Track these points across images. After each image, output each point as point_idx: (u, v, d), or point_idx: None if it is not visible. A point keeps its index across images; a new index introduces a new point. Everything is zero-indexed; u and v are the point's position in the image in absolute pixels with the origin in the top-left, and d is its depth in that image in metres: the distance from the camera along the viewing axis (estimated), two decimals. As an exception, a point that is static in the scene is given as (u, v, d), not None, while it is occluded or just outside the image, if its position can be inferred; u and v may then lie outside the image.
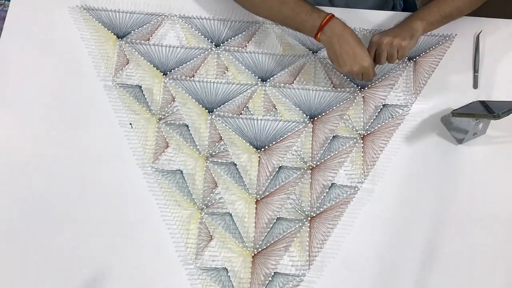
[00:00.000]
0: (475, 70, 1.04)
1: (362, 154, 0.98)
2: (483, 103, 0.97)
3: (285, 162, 0.98)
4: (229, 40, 1.07)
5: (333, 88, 1.03)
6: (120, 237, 0.93)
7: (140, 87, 1.03)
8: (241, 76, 1.04)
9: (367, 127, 1.01)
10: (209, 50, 1.06)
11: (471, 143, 0.99)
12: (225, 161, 0.97)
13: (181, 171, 0.97)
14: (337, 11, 0.99)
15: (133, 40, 1.06)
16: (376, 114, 1.02)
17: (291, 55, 1.06)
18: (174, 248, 0.92)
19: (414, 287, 0.90)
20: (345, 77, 1.04)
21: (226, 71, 1.05)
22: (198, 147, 0.98)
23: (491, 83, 1.04)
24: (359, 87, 1.03)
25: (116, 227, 0.93)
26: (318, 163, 0.98)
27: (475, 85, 1.03)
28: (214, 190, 0.96)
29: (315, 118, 1.01)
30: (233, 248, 0.92)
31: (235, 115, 1.01)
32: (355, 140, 0.99)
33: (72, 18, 1.08)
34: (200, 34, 1.07)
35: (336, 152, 0.98)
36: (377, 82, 1.03)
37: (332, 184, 0.96)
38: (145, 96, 1.02)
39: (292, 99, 1.02)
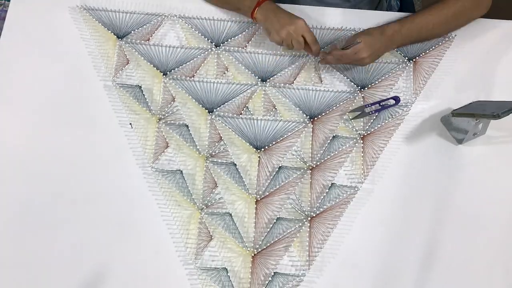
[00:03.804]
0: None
1: (362, 154, 0.98)
2: (483, 103, 0.97)
3: (285, 162, 0.98)
4: (229, 40, 1.07)
5: (333, 88, 1.03)
6: (120, 237, 0.93)
7: (140, 87, 1.03)
8: (241, 76, 1.04)
9: (367, 127, 1.01)
10: (209, 50, 1.06)
11: (471, 143, 0.99)
12: (225, 161, 0.97)
13: (181, 171, 0.97)
14: (338, 11, 0.99)
15: (133, 40, 1.06)
16: (376, 114, 1.02)
17: (291, 55, 1.06)
18: (174, 248, 0.92)
19: (414, 287, 0.90)
20: (345, 77, 1.04)
21: (226, 71, 1.05)
22: (198, 147, 0.98)
23: (491, 83, 1.04)
24: (359, 87, 1.03)
25: (116, 227, 0.93)
26: (318, 163, 0.98)
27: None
28: (214, 190, 0.96)
29: (315, 118, 1.01)
30: (233, 248, 0.92)
31: (235, 115, 1.01)
32: (355, 140, 0.99)
33: (72, 18, 1.08)
34: (200, 34, 1.07)
35: (336, 152, 0.98)
36: (377, 82, 1.03)
37: (332, 184, 0.96)
38: (145, 96, 1.02)
39: (292, 99, 1.02)
